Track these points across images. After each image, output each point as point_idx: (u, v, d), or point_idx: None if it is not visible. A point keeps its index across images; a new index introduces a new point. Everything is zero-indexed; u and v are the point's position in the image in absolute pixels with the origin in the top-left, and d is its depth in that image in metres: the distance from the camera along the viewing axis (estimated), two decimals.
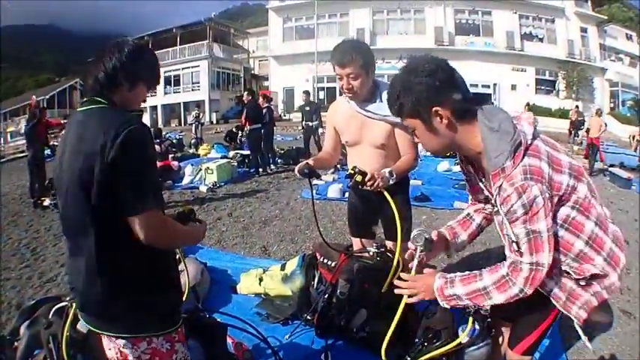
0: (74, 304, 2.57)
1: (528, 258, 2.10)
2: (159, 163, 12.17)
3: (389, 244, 4.03)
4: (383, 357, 2.80)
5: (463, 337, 2.72)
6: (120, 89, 2.21)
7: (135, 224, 2.00)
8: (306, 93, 16.71)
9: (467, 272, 2.38)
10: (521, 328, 2.60)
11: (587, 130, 17.69)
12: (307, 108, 16.40)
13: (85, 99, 2.23)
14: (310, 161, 3.60)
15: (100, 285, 2.11)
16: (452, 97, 2.13)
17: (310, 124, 16.13)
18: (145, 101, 2.43)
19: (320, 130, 15.77)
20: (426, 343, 2.92)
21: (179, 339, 2.35)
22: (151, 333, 2.22)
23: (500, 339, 2.85)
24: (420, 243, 2.59)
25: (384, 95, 3.59)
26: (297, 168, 3.59)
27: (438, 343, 2.84)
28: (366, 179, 3.42)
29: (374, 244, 3.94)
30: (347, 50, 3.51)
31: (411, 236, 2.66)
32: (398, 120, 2.98)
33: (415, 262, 2.60)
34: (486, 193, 2.45)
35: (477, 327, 2.72)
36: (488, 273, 2.27)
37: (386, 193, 3.50)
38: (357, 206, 4.16)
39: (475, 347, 2.77)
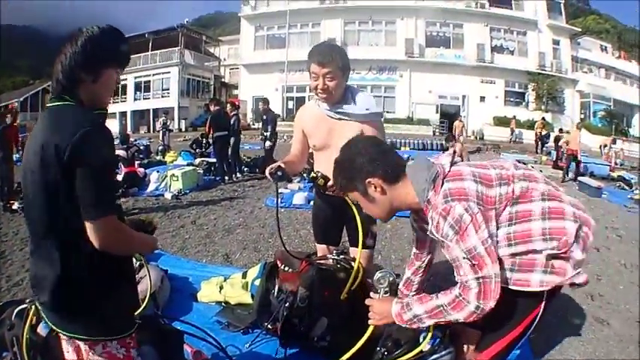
0: (33, 307, 2.50)
1: (473, 275, 2.18)
2: (124, 169, 12.09)
3: (353, 250, 4.01)
4: None
5: (424, 345, 2.68)
6: (84, 84, 2.13)
7: (89, 229, 1.96)
8: (264, 101, 16.15)
9: (422, 294, 2.52)
10: (490, 335, 2.59)
11: (567, 142, 18.12)
12: (264, 117, 15.95)
13: (52, 97, 2.17)
14: (281, 163, 3.56)
15: (57, 285, 2.07)
16: (381, 168, 2.39)
17: (265, 137, 15.64)
18: (118, 83, 2.34)
19: (268, 144, 15.43)
20: (386, 353, 2.87)
21: (134, 345, 2.32)
22: (105, 337, 2.19)
23: (465, 347, 2.80)
24: (384, 285, 2.82)
25: (358, 98, 3.63)
26: (267, 170, 3.53)
27: (398, 352, 2.79)
28: (329, 184, 3.43)
29: (334, 251, 3.92)
30: (327, 50, 3.56)
31: (375, 278, 2.88)
32: (368, 119, 3.09)
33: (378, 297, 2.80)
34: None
35: (438, 334, 2.69)
36: (443, 294, 2.34)
37: (349, 201, 3.49)
38: (322, 212, 4.13)
39: (437, 356, 2.72)
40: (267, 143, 15.35)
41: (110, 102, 2.42)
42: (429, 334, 2.65)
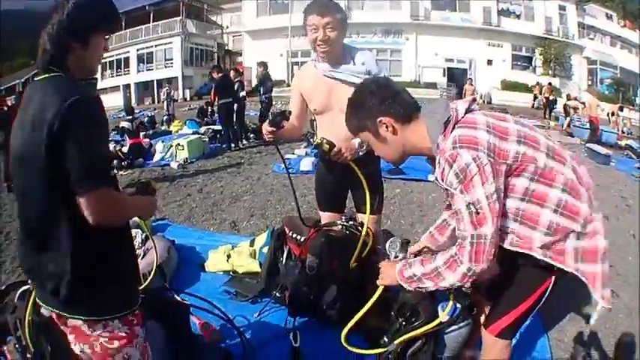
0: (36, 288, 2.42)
1: (470, 231, 2.12)
2: (130, 141, 12.02)
3: (360, 216, 3.92)
4: (343, 342, 2.85)
5: (443, 316, 2.61)
6: (72, 52, 2.02)
7: (82, 204, 1.85)
8: (262, 65, 15.78)
9: (427, 256, 2.50)
10: (498, 308, 2.52)
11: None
12: (261, 82, 15.75)
13: (39, 70, 2.06)
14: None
15: (52, 265, 1.99)
16: (393, 107, 2.33)
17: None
18: (107, 50, 2.23)
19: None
20: (404, 323, 2.77)
21: (137, 322, 2.23)
22: (106, 316, 2.10)
23: (482, 319, 2.76)
24: (397, 248, 2.78)
25: (357, 57, 3.51)
26: (265, 124, 3.46)
27: (417, 323, 2.69)
28: (334, 150, 3.34)
29: (343, 217, 3.82)
30: (325, 2, 3.44)
31: (387, 245, 2.85)
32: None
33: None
34: None
35: (458, 305, 2.63)
36: (441, 254, 2.30)
37: (354, 166, 3.43)
38: (326, 178, 4.00)
39: (456, 327, 2.68)
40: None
41: (105, 72, 2.31)
42: (449, 306, 2.60)
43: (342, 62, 3.54)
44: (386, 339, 2.84)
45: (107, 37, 2.18)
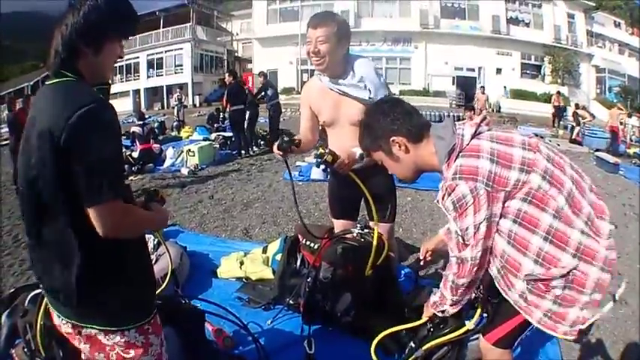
0: None
1: (455, 253, 2.34)
2: (140, 146, 12.02)
3: (373, 225, 3.90)
4: (373, 356, 2.94)
5: (471, 324, 2.70)
6: (84, 57, 1.96)
7: (93, 216, 1.82)
8: (262, 75, 15.92)
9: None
10: (496, 316, 2.55)
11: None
12: (266, 91, 15.74)
13: (50, 73, 2.00)
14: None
15: (65, 275, 1.95)
16: (405, 127, 2.41)
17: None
18: (122, 57, 2.20)
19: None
20: (432, 329, 2.82)
21: (153, 330, 2.20)
22: (122, 327, 2.07)
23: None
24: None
25: (357, 69, 3.49)
26: (275, 146, 3.46)
27: (446, 330, 2.75)
28: (337, 163, 3.37)
29: (357, 225, 3.81)
30: (321, 15, 3.50)
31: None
32: (365, 97, 3.41)
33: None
34: None
35: (485, 315, 2.73)
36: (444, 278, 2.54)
37: (354, 177, 3.47)
38: (338, 186, 4.01)
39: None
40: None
41: (114, 77, 2.26)
42: (477, 314, 2.71)
43: (342, 74, 3.53)
44: (413, 344, 2.89)
45: (123, 43, 2.13)
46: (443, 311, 2.58)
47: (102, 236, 1.84)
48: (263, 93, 15.44)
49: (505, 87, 36.57)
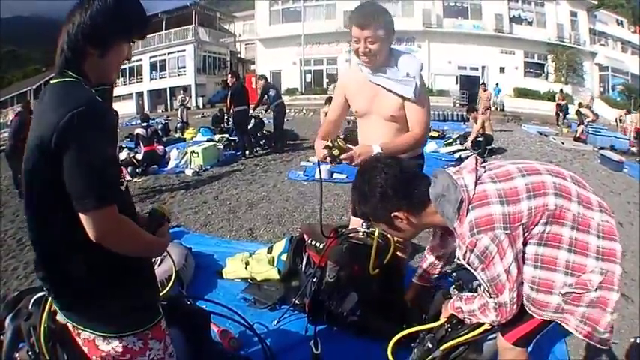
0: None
1: (493, 299, 2.32)
2: (144, 148, 12.04)
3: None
4: (389, 357, 2.94)
5: (487, 325, 2.65)
6: (89, 57, 1.93)
7: (84, 221, 1.79)
8: (262, 78, 15.54)
9: (467, 295, 2.68)
10: (517, 315, 2.48)
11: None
12: (269, 93, 15.33)
13: (56, 72, 1.97)
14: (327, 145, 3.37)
15: (65, 278, 1.96)
16: (406, 201, 2.35)
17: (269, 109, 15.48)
18: (129, 59, 2.16)
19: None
20: (450, 329, 2.83)
21: (153, 336, 2.17)
22: (120, 333, 2.06)
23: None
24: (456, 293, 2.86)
25: (400, 62, 3.45)
26: (320, 155, 3.36)
27: (464, 330, 2.75)
28: (343, 156, 3.23)
29: (364, 224, 3.78)
30: (368, 12, 3.35)
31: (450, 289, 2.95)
32: (409, 94, 3.33)
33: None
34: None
35: None
36: (478, 299, 2.51)
37: (317, 170, 3.40)
38: None
39: (495, 335, 2.74)
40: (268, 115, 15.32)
41: (119, 79, 2.20)
42: None
43: (384, 66, 3.47)
44: (430, 344, 2.90)
45: (131, 45, 2.10)
46: (466, 318, 2.63)
47: (95, 241, 1.82)
48: (266, 95, 15.29)
49: (497, 83, 36.51)
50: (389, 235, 3.62)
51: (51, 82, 1.98)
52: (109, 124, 1.93)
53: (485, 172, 2.32)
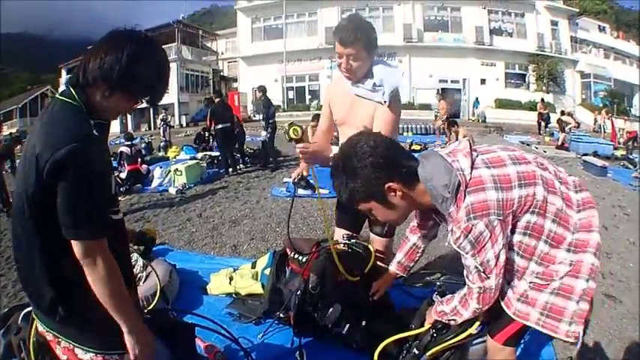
0: None
1: (478, 284, 2.30)
2: (128, 167, 12.03)
3: (373, 237, 4.03)
4: None
5: (473, 329, 2.73)
6: (96, 91, 1.99)
7: (74, 246, 1.87)
8: (261, 90, 14.92)
9: (447, 297, 2.74)
10: (505, 316, 2.55)
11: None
12: (262, 106, 15.31)
13: (62, 90, 2.04)
14: (304, 171, 3.48)
15: (52, 306, 2.01)
16: (398, 168, 2.25)
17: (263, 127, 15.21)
18: (130, 112, 2.19)
19: (264, 134, 14.98)
20: (435, 335, 2.86)
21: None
22: (100, 350, 2.12)
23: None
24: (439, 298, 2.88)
25: (376, 73, 3.50)
26: (292, 179, 3.51)
27: (450, 335, 2.81)
28: (299, 146, 3.16)
29: (344, 235, 3.84)
30: (352, 29, 3.37)
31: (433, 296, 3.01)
32: (378, 99, 3.39)
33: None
34: (437, 220, 2.76)
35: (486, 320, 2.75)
36: (457, 295, 2.58)
37: (315, 181, 3.43)
38: None
39: (482, 340, 2.81)
40: (263, 133, 15.03)
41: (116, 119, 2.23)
42: (478, 321, 2.71)
43: (364, 78, 3.55)
44: (417, 351, 2.92)
45: (131, 101, 2.13)
46: (450, 320, 2.66)
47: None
48: (265, 110, 14.95)
49: (477, 98, 37.13)
50: (369, 246, 3.70)
51: (58, 96, 2.02)
52: (100, 162, 1.95)
53: (477, 156, 2.31)
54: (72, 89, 1.99)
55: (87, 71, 1.96)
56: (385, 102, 3.46)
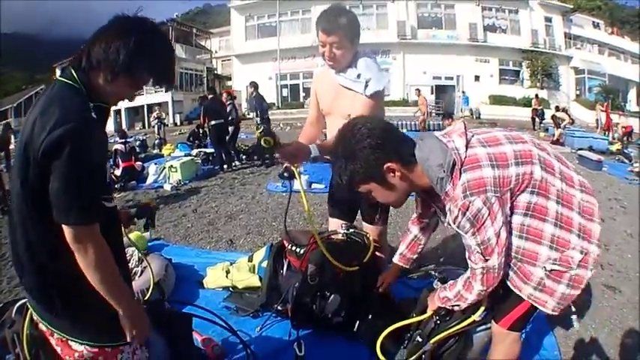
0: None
1: (480, 264, 2.27)
2: (122, 164, 11.97)
3: (366, 226, 3.99)
4: (379, 354, 2.94)
5: (476, 316, 2.71)
6: (98, 75, 1.98)
7: (65, 231, 1.84)
8: (253, 85, 15.14)
9: (450, 282, 2.68)
10: (509, 301, 2.56)
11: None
12: (254, 103, 15.47)
13: (64, 70, 2.03)
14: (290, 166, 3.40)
15: (47, 298, 2.01)
16: (396, 148, 2.28)
17: (257, 124, 15.11)
18: (132, 99, 2.16)
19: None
20: (438, 322, 2.85)
21: (129, 350, 2.20)
22: (94, 342, 2.10)
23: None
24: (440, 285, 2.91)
25: (359, 63, 3.49)
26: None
27: (453, 322, 2.78)
28: (278, 151, 3.18)
29: (343, 225, 3.81)
30: (334, 18, 3.37)
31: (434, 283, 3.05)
32: (360, 90, 3.38)
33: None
34: (436, 209, 2.67)
35: (489, 307, 2.74)
36: (460, 279, 2.54)
37: (296, 172, 3.39)
38: (337, 185, 3.99)
39: (485, 327, 2.84)
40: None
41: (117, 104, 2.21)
42: (482, 307, 2.70)
43: (347, 68, 3.55)
44: (420, 339, 2.91)
45: (134, 88, 2.13)
46: (454, 306, 2.62)
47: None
48: (257, 106, 15.08)
49: (464, 92, 37.71)
50: (368, 235, 3.67)
51: (59, 77, 2.00)
52: (97, 144, 1.92)
53: (473, 136, 2.31)
54: (73, 71, 1.97)
55: (91, 54, 1.95)
56: (363, 93, 3.46)
